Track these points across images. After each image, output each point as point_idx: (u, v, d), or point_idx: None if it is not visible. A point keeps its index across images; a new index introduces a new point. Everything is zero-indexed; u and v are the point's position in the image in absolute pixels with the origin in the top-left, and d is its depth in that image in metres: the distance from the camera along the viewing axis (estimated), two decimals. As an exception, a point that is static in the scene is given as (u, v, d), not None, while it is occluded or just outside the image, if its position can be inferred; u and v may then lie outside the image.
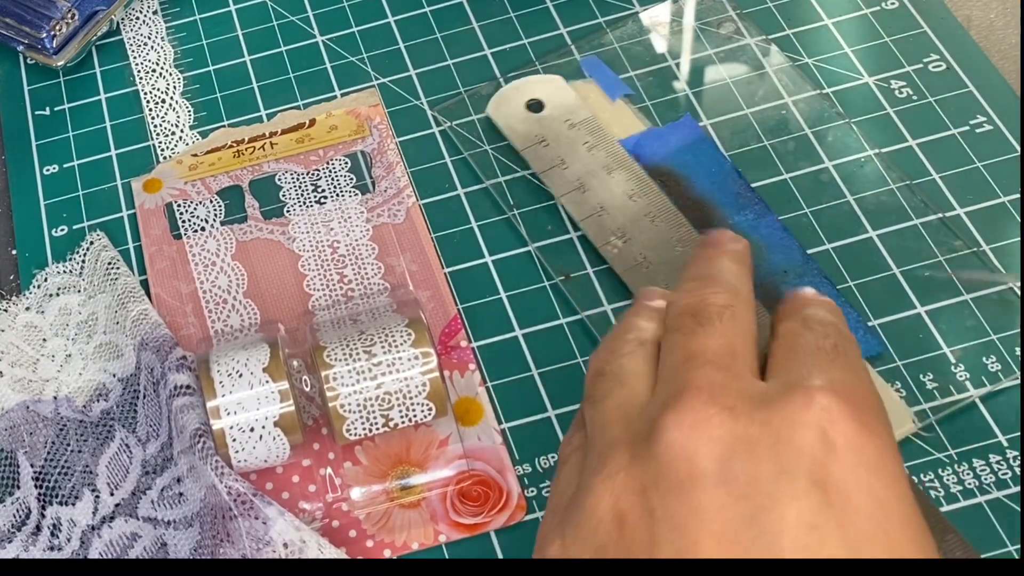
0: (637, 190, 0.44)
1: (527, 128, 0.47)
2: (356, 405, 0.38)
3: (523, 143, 0.47)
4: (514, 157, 0.47)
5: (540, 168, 0.46)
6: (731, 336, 0.31)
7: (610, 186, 0.44)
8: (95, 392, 0.42)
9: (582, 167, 0.45)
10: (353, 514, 0.40)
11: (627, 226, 0.43)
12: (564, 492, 0.31)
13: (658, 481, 0.28)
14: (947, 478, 0.38)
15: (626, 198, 0.44)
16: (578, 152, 0.46)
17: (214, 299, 0.45)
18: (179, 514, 0.39)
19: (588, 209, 0.44)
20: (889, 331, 0.42)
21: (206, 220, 0.47)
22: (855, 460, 0.27)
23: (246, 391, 0.38)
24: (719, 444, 0.27)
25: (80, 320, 0.44)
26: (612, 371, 0.32)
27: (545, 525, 0.31)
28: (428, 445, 0.40)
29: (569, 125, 0.46)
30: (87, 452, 0.41)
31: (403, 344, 0.38)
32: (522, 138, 0.47)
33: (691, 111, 0.48)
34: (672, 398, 0.29)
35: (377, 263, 0.45)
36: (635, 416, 0.30)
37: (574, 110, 0.47)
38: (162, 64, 0.53)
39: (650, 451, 0.28)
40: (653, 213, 0.44)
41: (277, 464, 0.40)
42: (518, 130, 0.47)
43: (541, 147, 0.46)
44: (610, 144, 0.46)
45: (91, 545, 0.39)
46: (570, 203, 0.45)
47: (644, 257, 0.43)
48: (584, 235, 0.45)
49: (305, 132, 0.50)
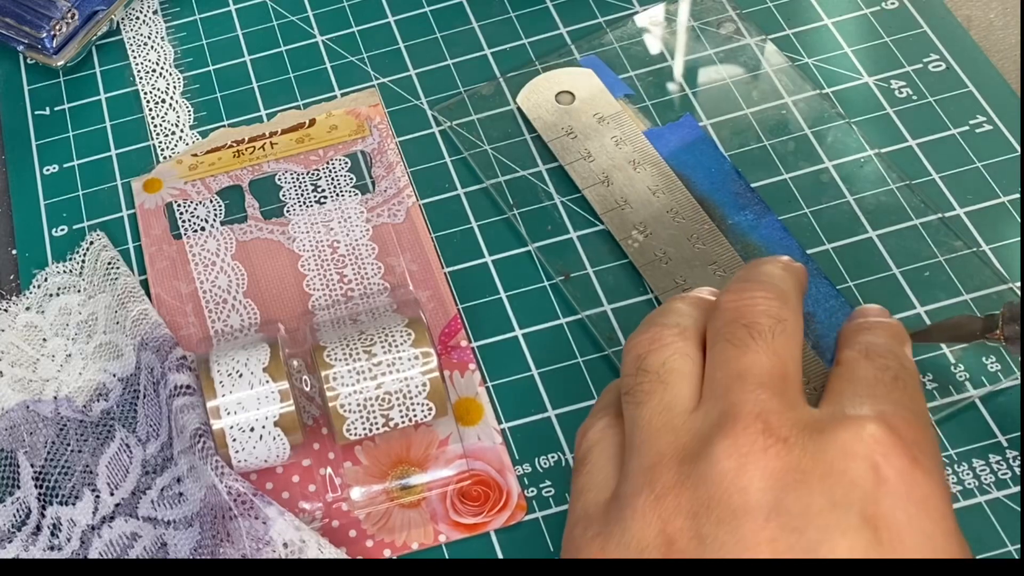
0: (661, 186, 0.44)
1: (556, 119, 0.48)
2: (356, 405, 0.38)
3: (551, 134, 0.47)
4: (514, 157, 0.47)
5: (566, 160, 0.46)
6: (783, 355, 0.31)
7: (634, 181, 0.45)
8: (95, 392, 0.42)
9: (608, 160, 0.46)
10: (353, 514, 0.40)
11: (649, 221, 0.44)
12: (597, 486, 0.31)
13: (710, 508, 0.27)
14: (947, 478, 0.38)
15: (650, 193, 0.44)
16: (605, 145, 0.46)
17: (214, 299, 0.45)
18: (179, 514, 0.39)
19: (611, 203, 0.45)
20: (889, 331, 0.42)
21: (206, 220, 0.47)
22: (905, 495, 0.27)
23: (246, 391, 0.38)
24: (772, 476, 0.27)
25: (80, 320, 0.44)
26: (654, 367, 0.31)
27: (579, 529, 0.31)
28: (428, 445, 0.40)
29: (598, 119, 0.47)
30: (87, 452, 0.41)
31: (403, 344, 0.38)
32: (550, 128, 0.47)
33: (691, 111, 0.48)
34: (725, 421, 0.29)
35: (377, 263, 0.45)
36: (681, 426, 0.30)
37: (603, 104, 0.47)
38: (162, 64, 0.53)
39: (701, 475, 0.28)
40: (676, 210, 0.44)
41: (277, 464, 0.40)
42: (546, 120, 0.48)
43: (568, 138, 0.46)
44: (637, 139, 0.46)
45: (91, 545, 0.39)
46: (593, 196, 0.45)
47: (664, 253, 0.43)
48: (584, 235, 0.45)
49: (305, 132, 0.50)
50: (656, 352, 0.32)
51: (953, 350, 0.41)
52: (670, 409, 0.30)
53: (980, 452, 0.39)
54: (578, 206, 0.46)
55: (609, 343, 0.42)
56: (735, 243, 0.43)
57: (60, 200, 0.49)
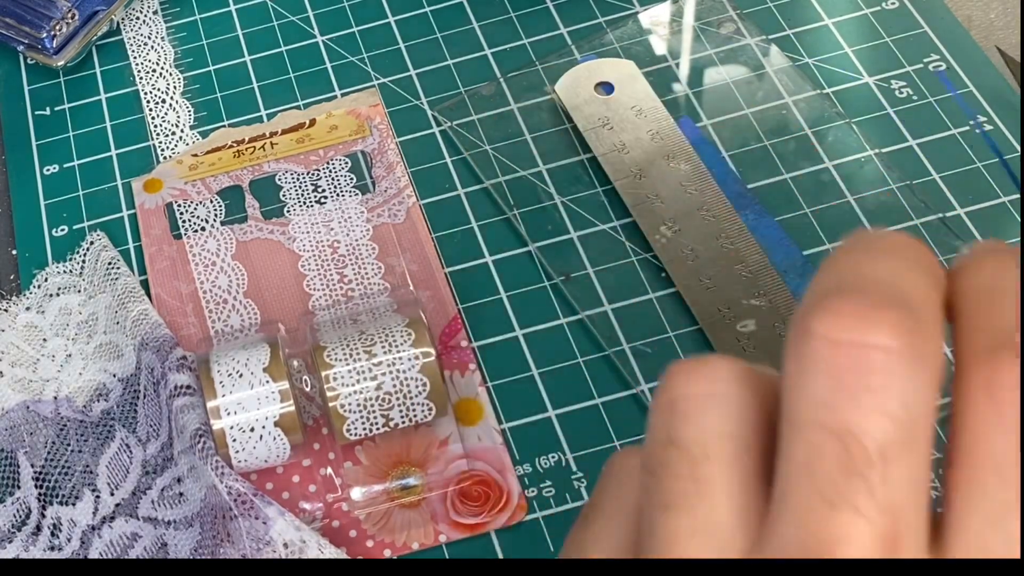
0: (695, 181, 0.44)
1: (593, 109, 0.47)
2: (356, 405, 0.38)
3: (587, 123, 0.47)
4: (514, 157, 0.47)
5: (600, 151, 0.46)
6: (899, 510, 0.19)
7: (667, 175, 0.45)
8: (95, 392, 0.42)
9: (643, 154, 0.46)
10: (353, 514, 0.40)
11: (679, 217, 0.44)
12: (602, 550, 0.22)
13: None
14: (947, 478, 0.38)
15: (682, 190, 0.44)
16: (641, 139, 0.46)
17: (214, 299, 0.45)
18: (179, 514, 0.39)
19: (642, 197, 0.45)
20: (889, 331, 0.41)
21: (206, 220, 0.47)
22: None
23: (246, 391, 0.38)
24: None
25: (80, 320, 0.44)
26: (688, 505, 0.20)
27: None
28: (428, 445, 0.40)
29: (637, 112, 0.47)
30: (87, 452, 0.41)
31: (403, 344, 0.38)
32: (587, 118, 0.47)
33: (691, 111, 0.48)
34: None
35: (377, 263, 0.45)
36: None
37: (643, 98, 0.47)
38: (162, 64, 0.53)
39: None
40: (708, 206, 0.44)
41: (277, 464, 0.40)
42: (584, 111, 0.47)
43: (605, 129, 0.46)
44: (674, 134, 0.46)
45: (91, 545, 0.39)
46: (625, 189, 0.45)
47: (691, 250, 0.43)
48: (584, 235, 0.45)
49: (305, 132, 0.50)
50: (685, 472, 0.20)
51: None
52: (711, 536, 0.20)
53: (980, 452, 0.39)
54: (579, 206, 0.46)
55: (609, 343, 0.42)
56: (735, 243, 0.43)
57: (60, 200, 0.49)
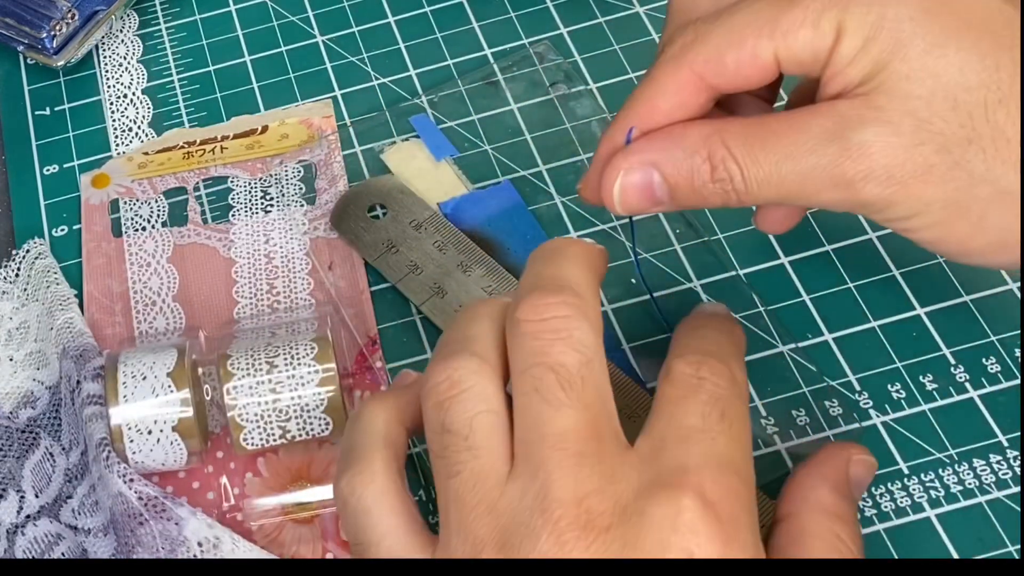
0: (495, 285, 0.43)
1: (373, 236, 0.45)
2: (253, 415, 0.38)
3: (373, 253, 0.44)
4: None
5: (395, 278, 0.43)
6: (594, 405, 0.30)
7: (468, 285, 0.43)
8: (23, 399, 0.42)
9: (436, 269, 0.43)
10: (247, 525, 0.40)
11: None
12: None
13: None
14: (947, 478, 0.38)
15: (486, 295, 0.42)
16: (429, 253, 0.44)
17: (143, 300, 0.45)
18: (97, 522, 0.40)
19: (450, 313, 0.42)
20: (889, 332, 0.42)
21: (148, 220, 0.47)
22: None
23: (147, 393, 0.38)
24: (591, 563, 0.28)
25: (12, 327, 0.44)
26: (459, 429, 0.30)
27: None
28: (329, 462, 0.40)
29: (415, 225, 0.44)
30: (11, 458, 0.41)
31: (305, 358, 0.39)
32: (370, 248, 0.44)
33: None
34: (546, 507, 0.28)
35: (308, 278, 0.45)
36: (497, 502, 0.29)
37: (417, 209, 0.45)
38: (128, 59, 0.53)
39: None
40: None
41: (175, 468, 0.40)
42: (366, 240, 0.45)
43: (391, 255, 0.44)
44: (459, 239, 0.44)
45: (16, 544, 0.39)
46: (431, 311, 0.43)
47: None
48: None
49: (256, 139, 0.49)
50: (458, 404, 0.30)
51: (953, 351, 0.41)
52: (484, 480, 0.30)
53: (980, 452, 0.39)
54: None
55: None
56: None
57: (60, 200, 0.49)
